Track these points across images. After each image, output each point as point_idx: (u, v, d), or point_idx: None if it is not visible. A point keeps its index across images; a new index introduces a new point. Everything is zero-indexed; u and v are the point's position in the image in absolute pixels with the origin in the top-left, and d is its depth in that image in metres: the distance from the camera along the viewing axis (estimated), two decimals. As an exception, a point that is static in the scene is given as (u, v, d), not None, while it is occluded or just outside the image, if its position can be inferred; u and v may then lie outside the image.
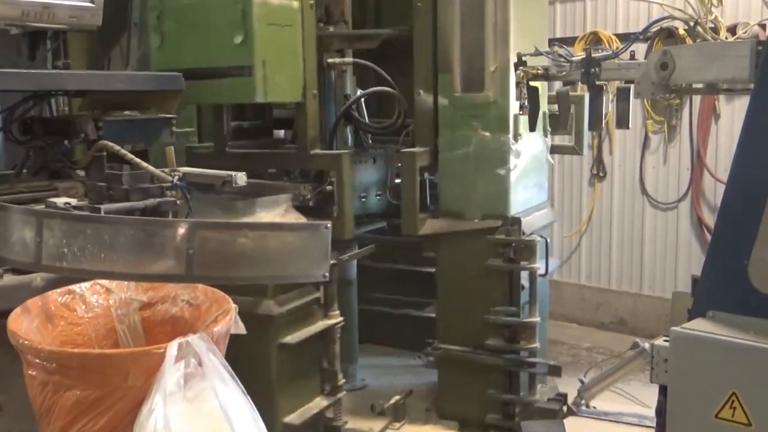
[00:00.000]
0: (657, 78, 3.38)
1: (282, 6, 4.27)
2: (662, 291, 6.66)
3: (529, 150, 4.98)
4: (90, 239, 2.56)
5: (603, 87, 4.06)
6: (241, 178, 3.27)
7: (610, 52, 3.94)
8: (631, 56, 3.86)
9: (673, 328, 2.64)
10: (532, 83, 4.27)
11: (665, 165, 6.69)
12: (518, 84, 4.16)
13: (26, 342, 2.47)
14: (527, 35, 4.68)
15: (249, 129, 5.42)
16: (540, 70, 4.12)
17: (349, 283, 5.44)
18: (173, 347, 2.37)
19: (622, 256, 6.98)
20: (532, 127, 4.55)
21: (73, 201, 3.14)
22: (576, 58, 3.96)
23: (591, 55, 3.86)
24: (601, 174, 7.03)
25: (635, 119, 6.25)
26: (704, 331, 2.58)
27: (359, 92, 5.07)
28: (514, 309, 4.80)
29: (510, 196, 4.78)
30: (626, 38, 5.39)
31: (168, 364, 2.35)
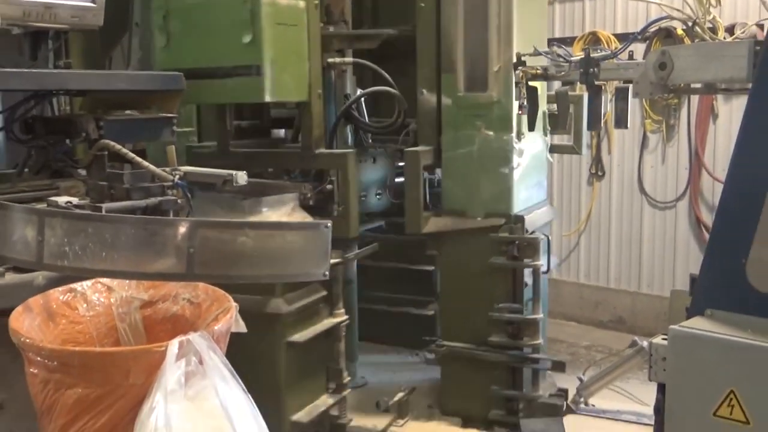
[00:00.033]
0: (655, 78, 3.40)
1: (289, 6, 4.26)
2: (661, 290, 6.66)
3: (531, 149, 5.00)
4: (91, 238, 2.56)
5: (602, 87, 4.08)
6: (242, 178, 3.27)
7: (609, 52, 3.96)
8: (630, 56, 3.87)
9: (672, 327, 2.63)
10: (531, 83, 4.29)
11: (663, 164, 6.70)
12: (517, 84, 4.18)
13: (28, 340, 2.47)
14: (529, 35, 4.69)
15: (247, 129, 5.43)
16: (539, 70, 4.13)
17: (350, 282, 5.43)
18: (174, 345, 2.37)
19: (621, 255, 6.99)
20: (531, 127, 4.57)
21: (75, 200, 3.13)
22: (575, 58, 3.98)
23: (590, 55, 3.88)
24: (600, 173, 7.03)
25: (634, 119, 6.26)
26: (702, 330, 2.57)
27: (359, 92, 5.07)
28: (518, 306, 4.82)
29: (513, 195, 4.80)
30: (625, 38, 5.38)
31: (169, 363, 2.35)
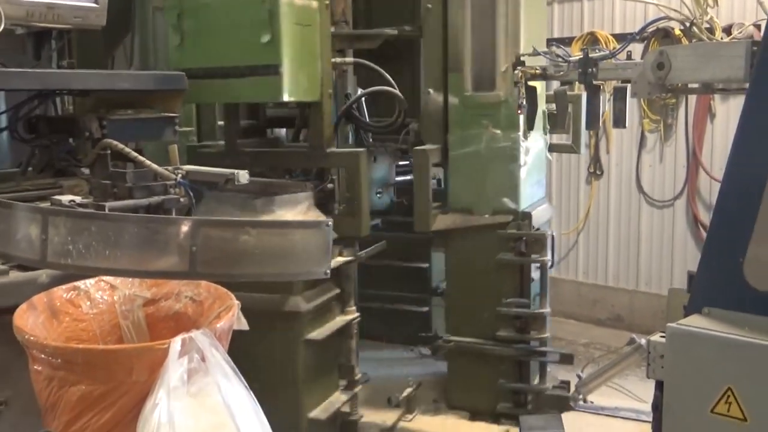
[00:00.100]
0: (653, 78, 3.42)
1: (304, 6, 4.24)
2: (658, 288, 6.68)
3: (533, 147, 5.07)
4: (95, 236, 2.57)
5: (600, 86, 4.09)
6: (243, 177, 3.27)
7: (607, 53, 3.98)
8: (628, 56, 3.89)
9: (670, 324, 2.62)
10: (531, 83, 4.31)
11: (661, 163, 6.72)
12: (516, 84, 4.20)
13: (32, 338, 2.49)
14: (533, 35, 4.76)
15: (246, 128, 5.42)
16: (538, 70, 4.15)
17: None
18: (177, 343, 2.39)
19: (619, 254, 7.02)
20: (530, 126, 4.60)
21: (78, 199, 3.13)
22: (573, 58, 4.00)
23: (588, 55, 3.90)
24: (598, 172, 7.06)
25: (632, 118, 6.25)
26: (700, 328, 2.57)
27: (360, 91, 5.09)
28: (526, 300, 4.91)
29: (520, 192, 4.88)
30: (623, 38, 5.40)
31: (171, 360, 2.36)
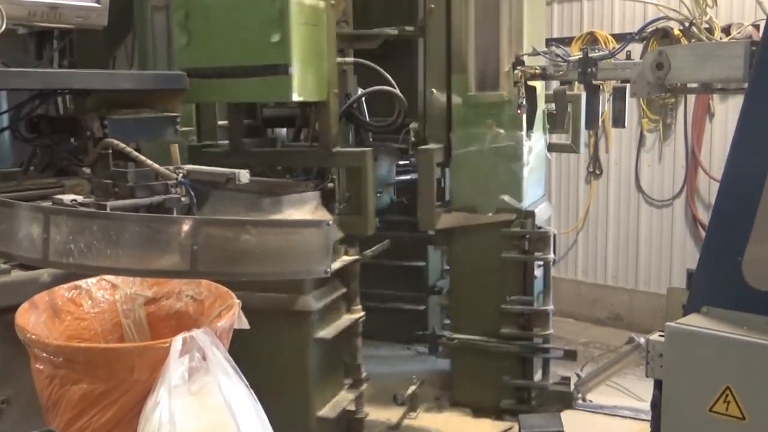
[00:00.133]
0: (653, 77, 3.43)
1: (312, 6, 4.24)
2: (657, 287, 6.69)
3: (535, 146, 5.12)
4: (96, 235, 2.57)
5: (599, 86, 4.09)
6: (244, 176, 3.27)
7: (607, 52, 3.98)
8: (627, 56, 3.89)
9: (668, 324, 2.64)
10: (530, 83, 4.32)
11: (660, 163, 6.73)
12: (516, 83, 4.21)
13: (33, 336, 2.49)
14: (535, 35, 4.81)
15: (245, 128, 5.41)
16: (538, 70, 4.16)
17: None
18: (178, 342, 2.39)
19: (618, 253, 7.03)
20: (530, 126, 4.62)
21: (80, 198, 3.13)
22: (573, 58, 4.00)
23: (588, 55, 3.91)
24: (598, 172, 7.07)
25: (631, 118, 6.25)
26: (699, 327, 2.58)
27: (360, 91, 5.11)
28: (530, 298, 4.95)
29: (523, 191, 4.92)
30: (622, 38, 5.39)
31: (173, 358, 2.37)
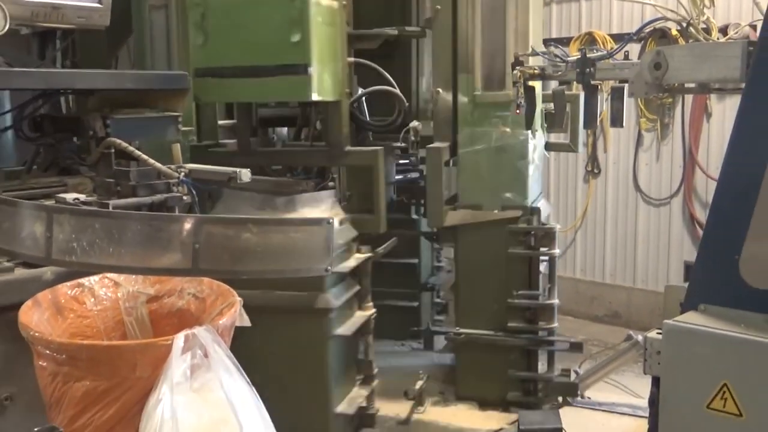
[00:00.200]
0: (650, 78, 3.43)
1: (328, 6, 4.26)
2: (655, 285, 6.70)
3: (538, 145, 5.19)
4: (98, 234, 2.59)
5: (598, 86, 4.09)
6: (246, 175, 3.27)
7: (605, 53, 3.97)
8: (625, 56, 3.89)
9: (666, 321, 2.65)
10: (529, 83, 4.33)
11: (658, 162, 6.75)
12: (515, 83, 4.22)
13: (37, 334, 2.51)
14: (536, 36, 4.90)
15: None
16: (537, 70, 4.17)
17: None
18: (180, 339, 2.41)
19: (616, 251, 7.04)
20: (528, 125, 4.63)
21: (82, 197, 3.15)
22: (571, 59, 3.99)
23: (586, 56, 3.90)
24: (596, 171, 7.08)
25: (629, 118, 6.27)
26: (696, 324, 2.60)
27: (360, 91, 5.13)
28: (536, 292, 5.00)
29: (528, 188, 4.98)
30: (620, 39, 5.40)
31: (175, 356, 2.39)
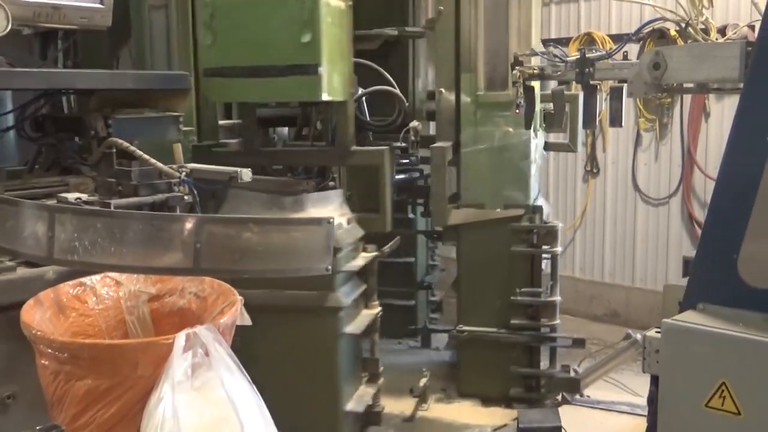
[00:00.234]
0: (649, 78, 3.44)
1: (336, 6, 4.27)
2: (654, 284, 6.73)
3: (539, 145, 5.26)
4: (100, 233, 2.60)
5: (597, 86, 4.09)
6: (246, 174, 3.28)
7: (604, 53, 3.97)
8: (624, 56, 3.89)
9: (665, 320, 2.67)
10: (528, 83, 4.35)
11: (657, 162, 6.76)
12: (514, 83, 4.23)
13: (39, 333, 2.50)
14: (536, 36, 4.94)
15: (235, 127, 5.39)
16: (536, 70, 4.18)
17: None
18: (181, 338, 2.41)
19: (615, 250, 7.06)
20: (528, 125, 4.64)
21: (84, 196, 3.16)
22: (571, 59, 3.99)
23: (585, 56, 3.90)
24: (595, 170, 7.10)
25: (628, 118, 6.29)
26: (695, 323, 2.61)
27: (360, 91, 5.14)
28: (539, 289, 5.04)
29: (530, 187, 5.03)
30: (619, 39, 5.42)
31: (176, 355, 2.39)
